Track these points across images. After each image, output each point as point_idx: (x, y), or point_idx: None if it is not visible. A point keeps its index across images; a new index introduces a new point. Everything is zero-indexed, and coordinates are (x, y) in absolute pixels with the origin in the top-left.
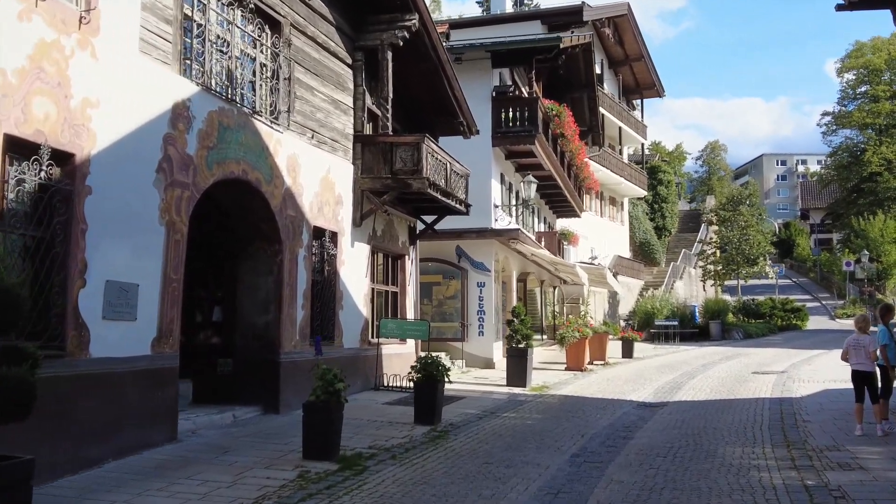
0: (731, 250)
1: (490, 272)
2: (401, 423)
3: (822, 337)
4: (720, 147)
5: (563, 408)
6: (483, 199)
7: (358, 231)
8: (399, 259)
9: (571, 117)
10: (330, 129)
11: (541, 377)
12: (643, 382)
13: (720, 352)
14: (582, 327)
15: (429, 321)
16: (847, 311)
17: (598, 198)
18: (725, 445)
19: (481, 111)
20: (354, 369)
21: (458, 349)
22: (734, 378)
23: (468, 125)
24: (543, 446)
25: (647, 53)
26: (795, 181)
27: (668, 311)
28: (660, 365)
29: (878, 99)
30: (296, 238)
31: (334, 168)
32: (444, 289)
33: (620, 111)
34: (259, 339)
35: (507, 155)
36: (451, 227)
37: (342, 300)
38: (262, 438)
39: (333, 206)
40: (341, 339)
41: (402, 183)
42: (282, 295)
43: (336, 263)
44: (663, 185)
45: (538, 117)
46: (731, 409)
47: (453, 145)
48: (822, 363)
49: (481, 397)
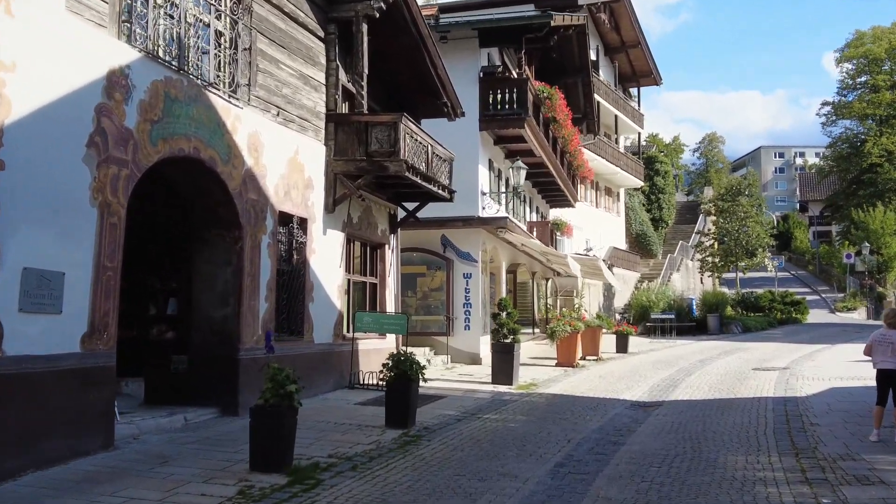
0: (730, 242)
1: (477, 263)
2: (370, 427)
3: (823, 331)
4: (718, 139)
5: (551, 408)
6: (469, 186)
7: (331, 217)
8: (378, 248)
9: (563, 100)
10: (298, 107)
11: (529, 374)
12: (637, 380)
13: (718, 346)
14: (574, 321)
15: (408, 315)
16: (847, 305)
17: (594, 188)
18: (727, 453)
19: (468, 93)
20: (327, 366)
21: (442, 344)
22: (734, 375)
23: (452, 106)
24: (524, 454)
25: (643, 40)
26: (793, 174)
27: (664, 304)
28: (655, 360)
29: (878, 89)
30: (259, 224)
31: (303, 149)
32: (429, 280)
33: (616, 99)
34: (217, 333)
35: (496, 140)
36: (435, 216)
37: (313, 292)
38: (210, 445)
39: (302, 191)
40: (311, 333)
41: (378, 165)
42: (242, 286)
43: (306, 252)
44: (660, 175)
45: (528, 99)
46: (732, 409)
47: (438, 129)
48: (826, 359)
49: (463, 396)
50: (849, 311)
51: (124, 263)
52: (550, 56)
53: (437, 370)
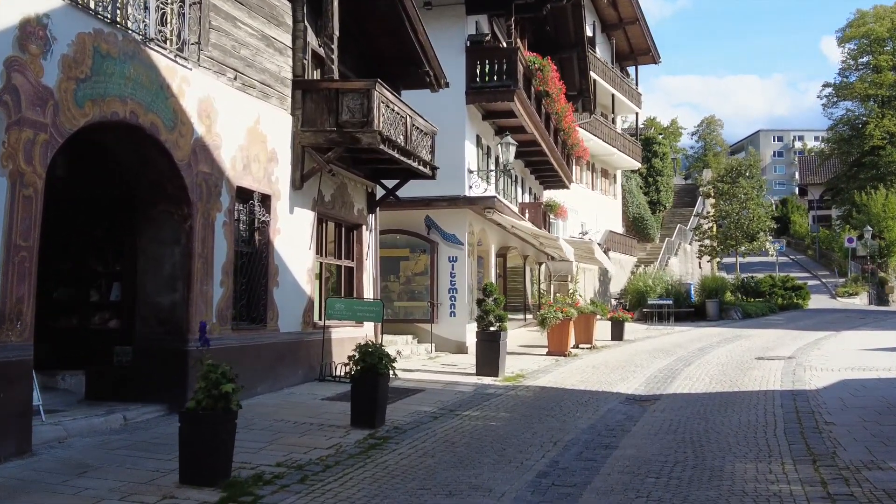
0: (730, 225)
1: (463, 245)
2: (334, 427)
3: (826, 317)
4: (716, 122)
5: (538, 403)
6: (455, 163)
7: (299, 195)
8: (355, 229)
9: (556, 73)
10: (260, 71)
11: (517, 364)
12: (633, 370)
13: (718, 333)
14: (565, 307)
15: (382, 301)
16: (848, 290)
17: (590, 169)
18: (734, 459)
19: (454, 64)
20: (294, 357)
21: (426, 332)
22: (736, 365)
23: (435, 76)
24: (503, 461)
25: (641, 16)
26: (792, 157)
27: (661, 290)
28: (652, 349)
29: (880, 69)
30: (212, 200)
31: (266, 118)
32: (413, 264)
33: (613, 77)
34: (164, 322)
35: (485, 115)
36: (419, 195)
37: (278, 276)
38: (144, 451)
39: (265, 164)
40: (276, 321)
41: (350, 137)
42: (192, 269)
43: (269, 232)
44: (658, 157)
45: (518, 70)
46: (736, 405)
47: (421, 102)
48: (833, 348)
49: (443, 390)
50: (850, 297)
51: (60, 244)
52: (544, 29)
53: (419, 360)
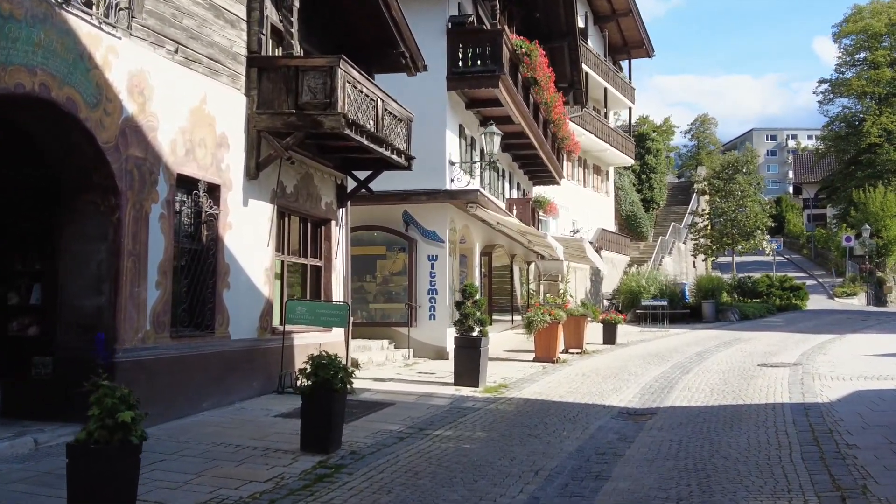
0: (726, 223)
1: (444, 243)
2: (281, 452)
3: (827, 319)
4: (710, 121)
5: (520, 420)
6: (436, 154)
7: (254, 185)
8: (323, 225)
9: (545, 59)
10: (207, 45)
11: (501, 371)
12: (626, 378)
13: (716, 336)
14: (554, 310)
15: (349, 304)
16: (846, 290)
17: (581, 165)
18: (748, 495)
19: (434, 48)
20: (249, 367)
21: (404, 336)
22: (738, 372)
23: (412, 58)
24: (474, 496)
25: (635, 7)
26: (786, 156)
27: (655, 290)
28: (647, 353)
29: (877, 65)
30: (146, 189)
31: (214, 97)
32: (391, 263)
33: (606, 70)
34: (88, 330)
35: (468, 104)
36: (396, 189)
37: (228, 276)
38: (45, 486)
39: (213, 150)
40: (226, 327)
41: (310, 120)
42: (120, 268)
43: (219, 227)
44: (652, 154)
45: (503, 55)
46: (743, 421)
47: (399, 89)
48: (840, 353)
49: (415, 403)
50: (848, 297)
51: None
52: (533, 16)
53: (394, 367)
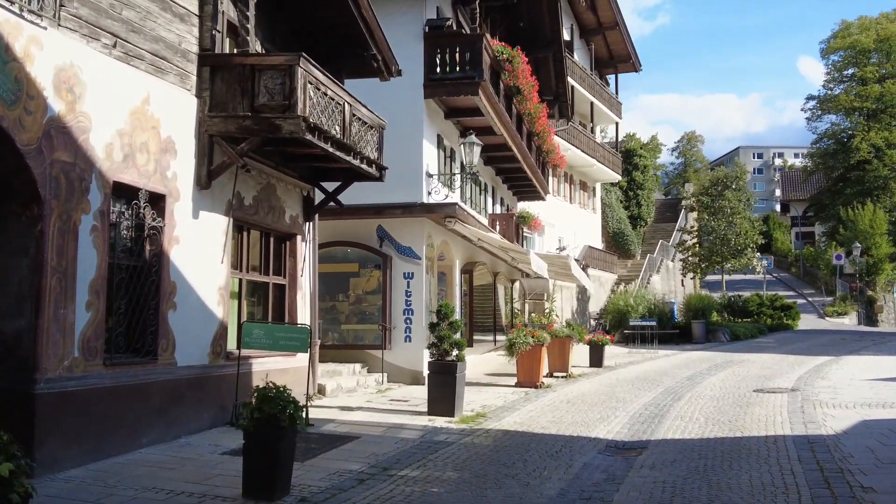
0: (716, 240)
1: (420, 260)
2: (220, 500)
3: (820, 339)
4: (697, 138)
5: (497, 456)
6: (412, 165)
7: (206, 195)
8: (287, 240)
9: (527, 65)
10: (151, 40)
11: (480, 398)
12: (614, 406)
13: (707, 358)
14: (537, 331)
15: (310, 327)
16: (837, 309)
17: (568, 181)
18: None
19: (410, 52)
20: (198, 397)
21: (378, 359)
22: (733, 399)
23: (384, 61)
24: None
25: (621, 21)
26: (772, 174)
27: (644, 309)
28: (635, 377)
29: (866, 81)
30: (76, 198)
31: (159, 98)
32: (364, 281)
33: (592, 84)
34: (5, 356)
35: (448, 113)
36: (370, 202)
37: (175, 296)
38: None
39: (156, 155)
40: (172, 352)
41: (267, 124)
42: (42, 286)
43: (163, 241)
44: (639, 170)
45: (483, 61)
46: (743, 457)
47: (372, 96)
48: (838, 377)
49: (383, 436)
50: (839, 316)
51: None
52: (518, 25)
53: (365, 394)
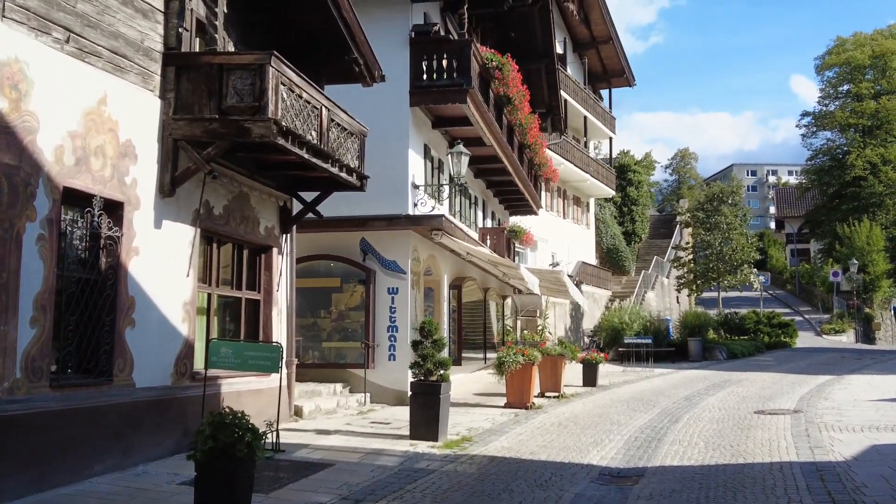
0: (711, 256)
1: (405, 274)
2: None
3: (819, 358)
4: (690, 155)
5: (482, 486)
6: (397, 176)
7: (171, 204)
8: (262, 252)
9: (518, 73)
10: (110, 36)
11: (466, 420)
12: (608, 429)
13: (704, 377)
14: (527, 349)
15: (280, 345)
16: (834, 327)
17: (561, 196)
18: None
19: (396, 59)
20: (158, 421)
21: (361, 379)
22: (733, 421)
23: (367, 65)
24: None
25: (615, 35)
26: (766, 191)
27: (639, 326)
28: (631, 397)
29: (861, 98)
30: (20, 204)
31: (118, 98)
32: (347, 296)
33: (586, 98)
34: None
35: (435, 122)
36: (353, 214)
37: (133, 311)
38: None
39: (114, 160)
40: (129, 372)
41: (235, 127)
42: None
43: (121, 252)
44: (633, 185)
45: (472, 67)
46: (747, 486)
47: (355, 103)
48: (842, 397)
49: (359, 464)
50: (836, 334)
51: None
52: (509, 36)
53: (346, 416)
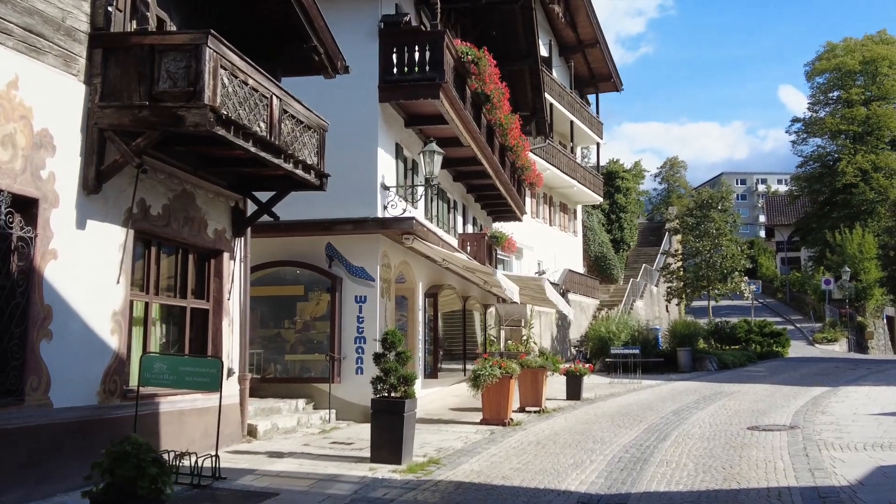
0: (701, 264)
1: (374, 282)
2: None
3: (813, 368)
4: (680, 163)
5: None
6: (365, 176)
7: (97, 202)
8: (212, 258)
9: (496, 68)
10: (23, 12)
11: (437, 439)
12: (591, 448)
13: (694, 389)
14: (505, 361)
15: (220, 361)
16: (826, 336)
17: (547, 203)
18: None
19: (364, 52)
20: (81, 445)
21: (325, 394)
22: (725, 439)
23: (328, 55)
24: None
25: (602, 38)
26: (756, 200)
27: (626, 336)
28: (616, 412)
29: (852, 104)
30: None
31: (32, 83)
32: (313, 305)
33: (572, 102)
34: None
35: (408, 120)
36: (318, 217)
37: (50, 322)
38: None
39: (27, 152)
40: (45, 390)
41: (168, 115)
42: None
43: (35, 255)
44: (622, 192)
45: (445, 60)
46: None
47: (323, 101)
48: (840, 411)
49: (307, 492)
50: (829, 343)
51: None
52: (490, 35)
53: (306, 435)
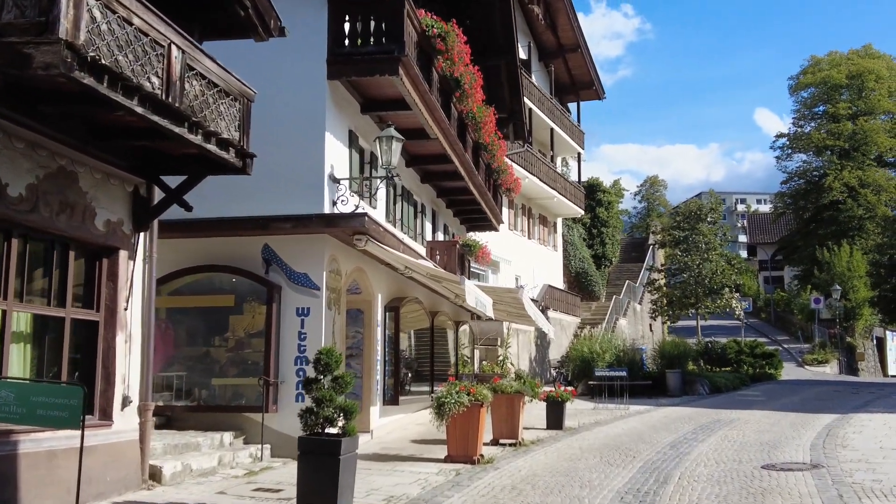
0: (689, 279)
1: (319, 291)
2: None
3: (810, 392)
4: (660, 182)
5: None
6: (309, 165)
7: None
8: (104, 256)
9: (466, 45)
10: None
11: (388, 483)
12: (577, 496)
13: (689, 416)
14: (474, 387)
15: (83, 388)
16: (817, 357)
17: (526, 214)
18: None
19: (311, 20)
20: None
21: (258, 426)
22: (739, 482)
23: (258, 11)
24: None
25: (584, 43)
26: (735, 220)
27: (611, 356)
28: (604, 444)
29: (838, 118)
30: None
31: None
32: (248, 319)
33: (553, 109)
34: None
35: (365, 105)
36: (253, 213)
37: None
38: None
39: None
40: None
41: (10, 54)
42: None
43: None
44: (603, 206)
45: (406, 32)
46: None
47: (261, 76)
48: (864, 444)
49: None
50: (820, 365)
51: None
52: (464, 24)
53: (226, 478)
